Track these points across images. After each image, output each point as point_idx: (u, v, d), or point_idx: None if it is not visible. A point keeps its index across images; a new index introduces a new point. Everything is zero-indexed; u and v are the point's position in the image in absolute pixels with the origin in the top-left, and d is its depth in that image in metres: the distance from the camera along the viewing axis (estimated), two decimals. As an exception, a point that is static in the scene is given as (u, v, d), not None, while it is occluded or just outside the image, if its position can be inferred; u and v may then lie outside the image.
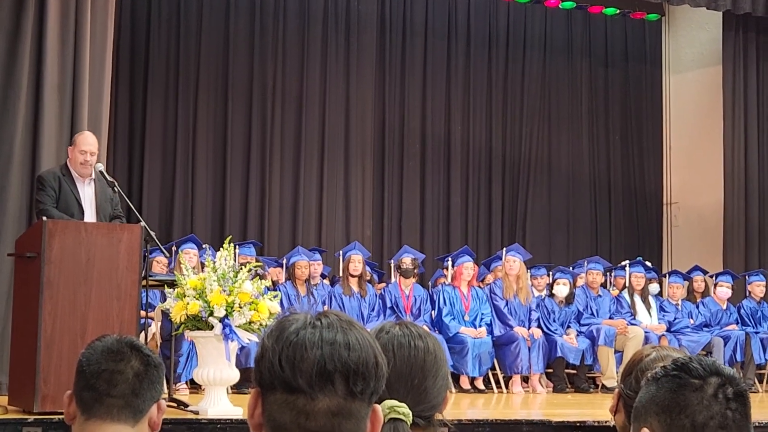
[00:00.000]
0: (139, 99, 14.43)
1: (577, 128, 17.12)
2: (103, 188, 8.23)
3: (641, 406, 1.90)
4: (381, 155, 15.83)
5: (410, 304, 11.98)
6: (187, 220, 14.38)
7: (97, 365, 2.65)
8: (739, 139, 15.88)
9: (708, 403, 1.84)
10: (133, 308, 7.48)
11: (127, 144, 14.30)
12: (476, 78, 16.50)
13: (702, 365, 1.87)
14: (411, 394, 2.35)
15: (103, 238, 7.45)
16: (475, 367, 11.76)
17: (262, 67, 15.11)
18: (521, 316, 12.23)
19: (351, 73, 15.62)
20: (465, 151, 16.31)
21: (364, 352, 1.79)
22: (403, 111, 16.02)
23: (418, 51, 16.17)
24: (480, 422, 7.77)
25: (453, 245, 15.21)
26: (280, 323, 1.83)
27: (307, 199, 15.15)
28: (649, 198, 17.47)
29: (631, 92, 17.58)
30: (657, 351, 2.95)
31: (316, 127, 15.35)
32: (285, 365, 1.76)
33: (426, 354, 2.41)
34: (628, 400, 2.86)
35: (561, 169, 16.86)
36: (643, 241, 17.15)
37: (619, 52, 17.60)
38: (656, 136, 17.59)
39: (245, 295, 7.63)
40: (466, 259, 12.33)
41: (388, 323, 2.49)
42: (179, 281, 7.77)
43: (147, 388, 2.67)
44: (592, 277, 13.03)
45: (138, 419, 2.65)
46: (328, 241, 14.86)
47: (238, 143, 14.91)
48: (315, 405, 1.75)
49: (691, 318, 13.35)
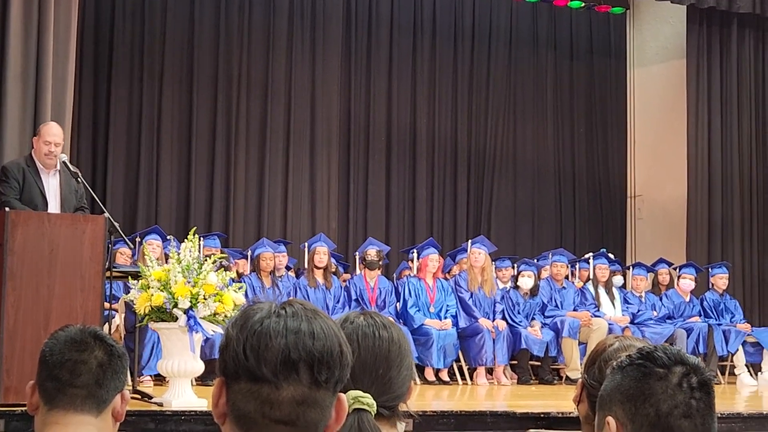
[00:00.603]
0: (103, 89, 14.35)
1: (542, 121, 17.17)
2: (68, 179, 8.17)
3: (606, 394, 1.91)
4: (346, 147, 15.82)
5: (375, 296, 11.98)
6: (151, 211, 14.32)
7: (60, 355, 2.62)
8: (702, 133, 15.97)
9: (672, 392, 1.84)
10: (97, 299, 7.44)
11: (91, 134, 14.22)
12: (442, 70, 16.51)
13: (667, 354, 1.88)
14: (375, 384, 2.34)
15: (66, 229, 7.40)
16: (440, 358, 11.77)
17: (228, 58, 15.06)
18: (486, 308, 12.25)
19: (317, 65, 15.59)
20: (430, 143, 16.33)
21: (329, 341, 1.78)
22: (368, 103, 16.01)
23: (383, 43, 16.16)
24: (445, 414, 7.78)
25: (418, 237, 15.23)
26: (245, 312, 1.82)
27: (273, 190, 15.12)
28: (613, 191, 17.55)
29: (596, 85, 17.65)
30: (620, 341, 2.96)
31: (282, 118, 15.33)
32: (249, 354, 1.74)
33: (390, 344, 2.41)
34: (592, 390, 2.86)
35: (526, 162, 16.91)
36: (607, 233, 17.23)
37: (584, 46, 17.66)
38: (620, 129, 17.66)
39: (210, 286, 7.60)
40: (432, 251, 12.34)
41: (353, 313, 2.49)
42: (143, 273, 7.73)
43: (111, 379, 2.65)
44: (557, 269, 13.07)
45: (101, 409, 2.63)
46: (294, 233, 14.84)
47: (203, 134, 14.86)
48: (279, 394, 1.74)
49: (654, 310, 13.42)
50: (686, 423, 1.83)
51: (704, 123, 15.98)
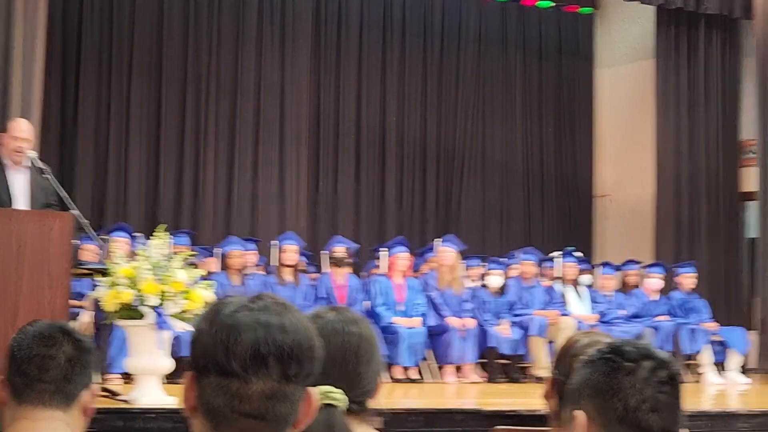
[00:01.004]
0: (71, 85, 14.28)
1: (511, 120, 17.21)
2: (36, 176, 8.11)
3: (575, 388, 1.92)
4: (316, 145, 15.81)
5: (344, 294, 11.97)
6: (119, 208, 14.26)
7: (28, 350, 2.61)
8: (669, 133, 16.06)
9: (640, 387, 1.85)
10: (64, 297, 7.39)
11: (59, 131, 14.14)
12: (411, 69, 16.53)
13: (635, 349, 1.89)
14: (345, 379, 2.35)
15: (34, 226, 7.34)
16: (408, 356, 11.77)
17: (197, 55, 15.02)
18: (455, 307, 12.25)
19: (286, 63, 15.57)
20: (400, 142, 16.34)
21: (299, 335, 1.78)
22: (338, 102, 16.01)
23: (353, 42, 16.16)
24: (413, 411, 7.78)
25: (387, 235, 15.21)
26: (215, 306, 1.81)
27: (242, 188, 15.10)
28: (581, 190, 17.62)
29: (565, 85, 17.71)
30: (589, 336, 2.98)
31: (251, 116, 15.30)
32: (219, 348, 1.74)
33: (360, 339, 2.42)
34: (561, 385, 2.87)
35: (495, 161, 16.95)
36: (575, 232, 17.29)
37: (552, 46, 17.71)
38: (589, 129, 17.74)
39: (178, 283, 7.56)
40: (401, 250, 12.33)
41: (323, 308, 2.49)
42: (111, 270, 7.69)
43: (79, 374, 2.64)
44: (525, 268, 13.08)
45: (70, 404, 2.62)
46: (263, 231, 14.79)
47: (172, 132, 14.81)
48: (249, 388, 1.74)
49: (622, 309, 13.47)
50: (654, 417, 1.85)
51: (672, 123, 16.07)
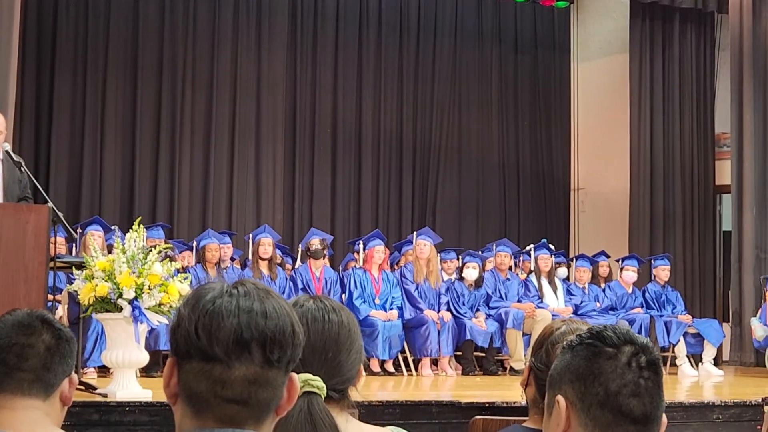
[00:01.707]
0: (47, 78, 14.21)
1: (487, 114, 17.23)
2: (11, 169, 8.04)
3: (556, 374, 1.92)
4: (292, 139, 15.79)
5: (321, 286, 11.96)
6: (95, 202, 14.21)
7: (7, 339, 2.60)
8: (644, 126, 16.14)
9: (621, 372, 1.86)
10: (40, 290, 7.35)
11: (34, 124, 14.08)
12: (387, 63, 16.53)
13: (616, 334, 1.89)
14: (325, 367, 2.35)
15: (9, 219, 7.30)
16: (385, 350, 11.78)
17: (172, 49, 14.97)
18: (431, 300, 12.28)
19: (262, 57, 15.54)
20: (376, 135, 16.34)
21: (281, 321, 1.78)
22: (314, 95, 15.99)
23: (329, 36, 16.14)
24: (390, 404, 7.80)
25: (364, 229, 15.23)
26: (197, 292, 1.81)
27: (218, 182, 15.07)
28: (556, 183, 17.66)
29: (540, 79, 17.75)
30: (567, 324, 2.99)
31: (227, 111, 15.27)
32: (201, 334, 1.74)
33: (340, 327, 2.42)
34: (539, 373, 2.89)
35: (471, 155, 16.97)
36: (550, 225, 17.33)
37: (528, 39, 17.74)
38: (564, 122, 17.78)
39: (155, 276, 7.55)
40: (377, 243, 12.34)
41: (302, 297, 2.49)
42: (88, 263, 7.66)
43: (58, 363, 2.63)
44: (501, 260, 13.10)
45: (49, 393, 2.61)
46: (239, 225, 14.79)
47: (148, 126, 14.76)
48: (231, 373, 1.74)
49: (597, 301, 13.53)
50: (635, 402, 1.86)
51: (646, 116, 16.14)
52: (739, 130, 14.75)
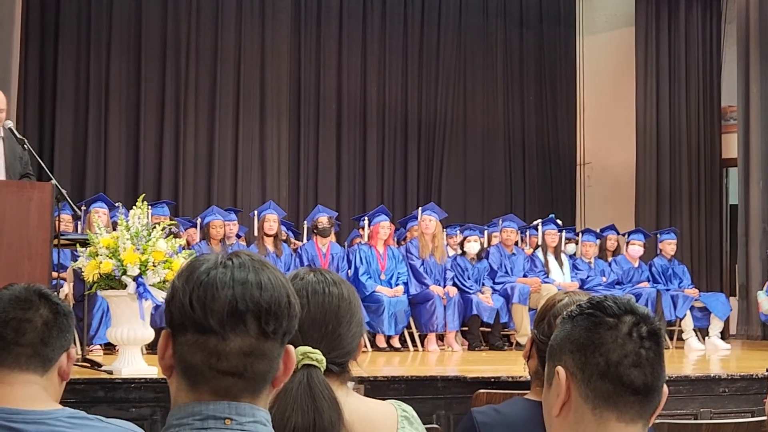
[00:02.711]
0: (50, 53, 14.17)
1: (493, 89, 17.19)
2: (13, 146, 8.02)
3: (556, 344, 1.90)
4: (297, 115, 15.77)
5: (327, 263, 11.94)
6: (99, 179, 14.20)
7: (4, 314, 2.59)
8: (650, 100, 16.09)
9: (622, 342, 1.84)
10: (44, 268, 7.33)
11: (38, 100, 14.05)
12: (392, 38, 16.48)
13: (617, 304, 1.87)
14: (325, 340, 2.34)
15: (12, 197, 7.27)
16: (391, 325, 11.77)
17: (176, 25, 14.93)
18: (437, 275, 12.26)
19: (266, 32, 15.49)
20: (381, 111, 16.31)
21: (276, 292, 1.76)
22: (318, 71, 15.95)
23: (333, 10, 16.09)
24: (396, 379, 7.77)
25: (369, 205, 15.22)
26: (191, 263, 1.79)
27: (222, 158, 15.05)
28: (562, 158, 17.63)
29: (546, 53, 17.69)
30: (569, 296, 2.97)
31: (231, 85, 15.23)
32: (196, 305, 1.73)
33: (340, 300, 2.41)
34: (541, 345, 2.87)
35: (476, 130, 16.93)
36: (556, 200, 17.31)
37: (533, 14, 17.67)
38: (570, 97, 17.73)
39: (159, 253, 7.52)
40: (382, 219, 12.31)
41: (303, 269, 2.48)
42: (92, 240, 7.65)
43: (56, 337, 2.61)
44: (507, 235, 13.07)
45: (47, 368, 2.59)
46: (244, 201, 14.79)
47: (152, 102, 14.74)
48: (226, 345, 1.72)
49: (603, 276, 13.51)
50: (636, 372, 1.83)
51: (652, 91, 16.09)
52: (745, 103, 14.68)
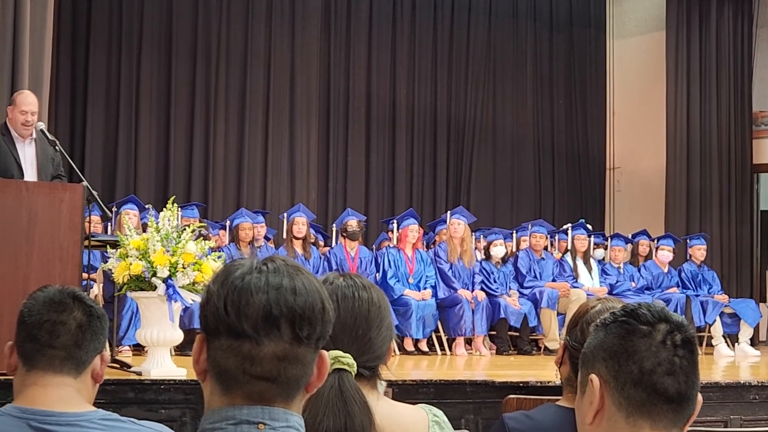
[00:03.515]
0: (82, 55, 14.24)
1: (522, 92, 17.16)
2: (45, 148, 8.08)
3: (589, 352, 1.89)
4: (326, 117, 15.78)
5: (356, 266, 11.95)
6: (130, 180, 14.25)
7: (38, 316, 2.59)
8: (681, 105, 16.01)
9: (656, 350, 1.83)
10: (75, 269, 7.37)
11: (69, 102, 14.13)
12: (421, 41, 16.47)
13: (651, 312, 1.86)
14: (355, 344, 2.35)
15: (44, 198, 7.32)
16: (419, 329, 11.77)
17: (207, 27, 14.97)
18: (465, 279, 12.25)
19: (296, 35, 15.52)
20: (410, 114, 16.30)
21: (311, 297, 1.77)
22: (348, 73, 15.96)
23: (363, 13, 16.10)
24: (424, 383, 7.76)
25: (398, 208, 15.22)
26: (226, 268, 1.80)
27: (252, 160, 15.08)
28: (592, 162, 17.57)
29: (576, 57, 17.64)
30: (602, 303, 2.97)
31: (261, 88, 15.27)
32: (230, 310, 1.73)
33: (370, 305, 2.41)
34: (574, 351, 2.87)
35: (505, 133, 16.90)
36: (586, 205, 17.26)
37: (564, 17, 17.63)
38: (600, 100, 17.68)
39: (189, 255, 7.55)
40: (411, 222, 12.31)
41: (332, 274, 2.49)
42: (122, 242, 7.68)
43: (90, 340, 2.62)
44: (536, 240, 13.05)
45: (81, 371, 2.60)
46: (273, 204, 14.81)
47: (182, 104, 14.78)
48: (260, 350, 1.73)
49: (632, 281, 13.46)
50: (669, 380, 1.83)
51: (683, 95, 16.01)
52: (777, 108, 14.60)
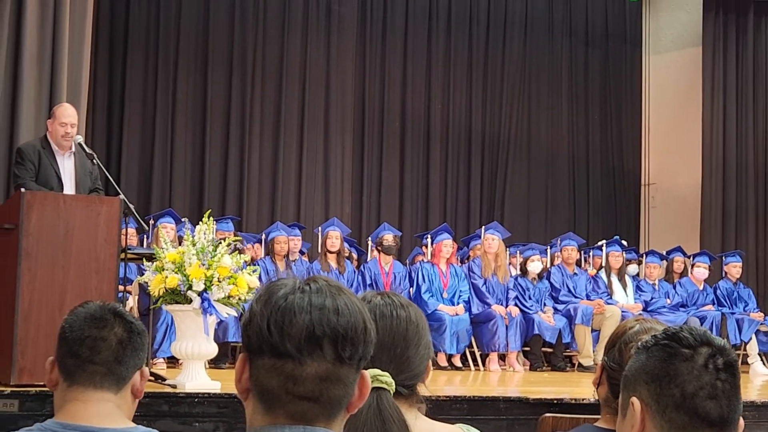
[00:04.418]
0: (119, 70, 14.34)
1: (557, 107, 17.13)
2: (83, 161, 8.13)
3: (631, 375, 1.89)
4: (360, 132, 15.81)
5: (390, 281, 11.97)
6: (165, 193, 14.33)
7: (80, 331, 2.61)
8: (717, 121, 15.93)
9: (698, 373, 1.83)
10: (111, 281, 7.42)
11: (106, 115, 14.22)
12: (457, 55, 16.48)
13: (692, 335, 1.86)
14: (394, 363, 2.35)
15: (81, 211, 7.38)
16: (453, 344, 11.76)
17: (242, 41, 15.04)
18: (499, 295, 12.24)
19: (332, 49, 15.57)
20: (444, 128, 16.31)
21: (353, 317, 1.78)
22: (383, 88, 15.99)
23: (398, 28, 16.13)
24: (458, 399, 7.75)
25: (432, 223, 15.22)
26: (269, 288, 1.81)
27: (287, 174, 15.12)
28: (627, 178, 17.51)
29: (611, 72, 17.60)
30: (640, 323, 2.95)
31: (296, 102, 15.31)
32: (273, 330, 1.74)
33: (408, 323, 2.42)
34: (612, 372, 2.85)
35: (540, 148, 16.87)
36: (620, 221, 17.19)
37: (599, 32, 17.60)
38: (635, 116, 17.61)
39: (224, 269, 7.57)
40: (445, 237, 12.31)
41: (370, 293, 2.49)
42: (158, 255, 7.72)
43: (130, 356, 2.64)
44: (568, 254, 13.00)
45: (121, 386, 2.62)
46: (307, 217, 14.84)
47: (218, 117, 14.85)
48: (303, 370, 1.73)
49: (667, 298, 13.39)
50: (711, 404, 1.82)
51: (719, 111, 15.94)
52: (814, 124, 14.51)
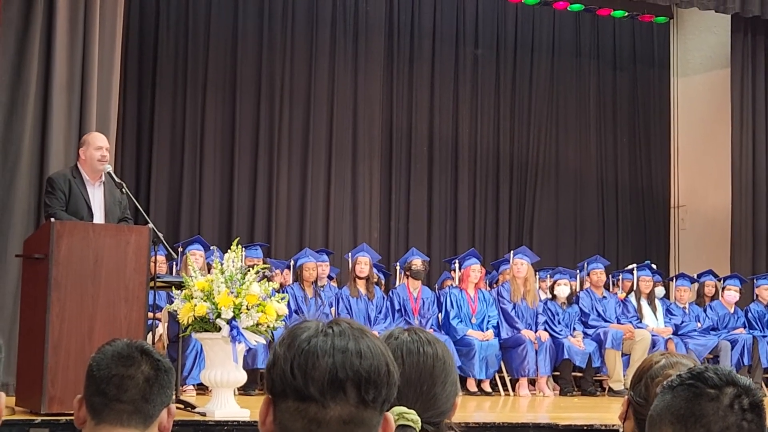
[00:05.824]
0: (148, 98, 14.43)
1: (585, 130, 17.10)
2: (112, 190, 8.17)
3: (656, 414, 1.89)
4: (388, 157, 15.82)
5: (418, 306, 11.96)
6: (194, 221, 14.38)
7: (107, 370, 2.63)
8: (747, 142, 15.84)
9: (724, 414, 1.82)
10: (140, 310, 7.46)
11: (135, 144, 14.31)
12: (484, 80, 16.49)
13: (718, 375, 1.85)
14: (420, 400, 2.34)
15: (111, 240, 7.43)
16: (482, 369, 11.74)
17: (270, 68, 15.11)
18: (528, 319, 12.21)
19: (359, 75, 15.61)
20: (472, 153, 16.30)
21: (376, 360, 1.78)
22: (410, 113, 16.00)
23: (426, 53, 16.16)
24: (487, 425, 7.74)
25: (460, 247, 15.20)
26: (292, 331, 1.82)
27: (315, 200, 15.15)
28: (656, 201, 17.44)
29: (639, 95, 17.56)
30: (666, 358, 2.94)
31: (324, 128, 15.35)
32: (297, 373, 1.75)
33: (435, 360, 2.41)
34: (638, 407, 2.84)
35: (568, 172, 16.84)
36: (650, 243, 17.12)
37: (627, 55, 17.58)
38: (664, 138, 17.56)
39: (253, 297, 7.61)
40: (473, 262, 12.31)
41: (397, 329, 2.49)
42: (187, 283, 7.75)
43: (157, 393, 2.65)
44: (597, 277, 12.96)
45: (148, 424, 2.63)
46: (336, 243, 14.86)
47: (246, 144, 14.91)
48: (327, 413, 1.74)
49: (698, 321, 13.31)
50: (737, 445, 1.81)
51: (748, 133, 15.84)
52: None
